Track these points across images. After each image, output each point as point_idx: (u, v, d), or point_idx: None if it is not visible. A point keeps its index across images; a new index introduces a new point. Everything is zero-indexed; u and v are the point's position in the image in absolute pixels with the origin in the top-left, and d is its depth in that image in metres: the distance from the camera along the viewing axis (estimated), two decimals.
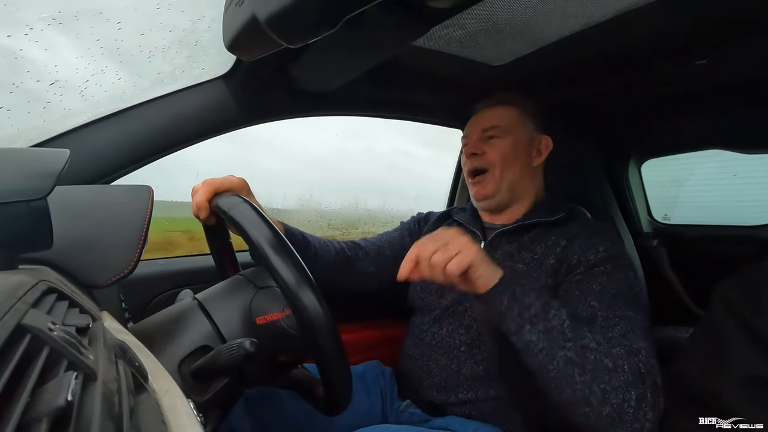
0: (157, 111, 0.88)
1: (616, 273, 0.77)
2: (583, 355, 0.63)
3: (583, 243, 0.82)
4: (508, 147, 0.93)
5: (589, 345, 0.64)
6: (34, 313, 0.25)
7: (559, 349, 0.64)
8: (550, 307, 0.67)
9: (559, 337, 0.64)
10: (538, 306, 0.66)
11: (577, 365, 0.63)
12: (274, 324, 0.61)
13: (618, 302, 0.72)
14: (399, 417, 0.93)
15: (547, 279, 0.82)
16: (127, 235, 0.52)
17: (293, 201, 1.67)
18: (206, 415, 0.54)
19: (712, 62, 0.92)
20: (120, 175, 0.86)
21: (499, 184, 0.94)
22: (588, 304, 0.73)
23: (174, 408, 0.33)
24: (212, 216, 0.70)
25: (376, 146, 1.91)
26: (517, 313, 0.66)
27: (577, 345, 0.64)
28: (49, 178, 0.36)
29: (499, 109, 0.97)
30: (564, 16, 0.80)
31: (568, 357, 0.63)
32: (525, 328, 0.66)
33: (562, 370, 0.64)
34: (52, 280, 0.35)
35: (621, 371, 0.63)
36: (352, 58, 0.83)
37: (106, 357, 0.29)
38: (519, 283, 0.68)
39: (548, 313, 0.66)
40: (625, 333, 0.68)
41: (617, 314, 0.71)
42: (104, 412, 0.22)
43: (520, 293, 0.67)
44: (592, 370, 0.63)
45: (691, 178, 1.48)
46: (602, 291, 0.74)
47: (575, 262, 0.81)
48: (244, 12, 0.56)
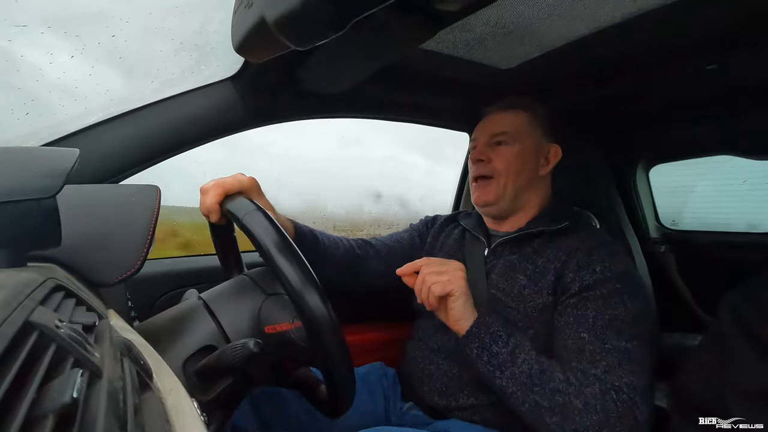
0: (165, 112, 0.89)
1: (612, 297, 0.74)
2: (551, 397, 0.67)
3: (580, 260, 0.80)
4: (515, 155, 0.91)
5: (558, 387, 0.67)
6: (42, 311, 0.26)
7: (529, 393, 0.68)
8: (519, 352, 0.71)
9: (527, 381, 0.69)
10: (506, 353, 0.71)
11: (546, 408, 0.67)
12: (284, 335, 0.61)
13: (610, 333, 0.71)
14: (402, 418, 0.93)
15: (548, 296, 0.80)
16: (134, 235, 0.53)
17: (298, 203, 1.68)
18: (210, 414, 0.54)
19: (722, 67, 0.91)
20: (128, 174, 0.87)
21: (502, 193, 0.92)
22: (578, 336, 0.73)
23: (178, 407, 0.33)
24: (222, 218, 0.69)
25: (370, 154, 1.92)
26: (487, 360, 0.72)
27: (545, 389, 0.68)
28: (59, 177, 0.36)
29: (509, 114, 0.95)
30: (572, 20, 0.80)
31: (536, 401, 0.67)
32: (495, 374, 0.71)
33: (533, 412, 0.68)
34: (59, 278, 0.35)
35: (593, 411, 0.64)
36: (360, 61, 0.84)
37: (111, 355, 0.29)
38: (488, 332, 0.73)
39: (516, 360, 0.71)
40: (610, 368, 0.68)
41: (606, 347, 0.70)
42: (109, 410, 0.22)
43: (489, 341, 0.73)
44: (561, 412, 0.66)
45: (700, 183, 1.47)
46: (595, 318, 0.73)
47: (569, 280, 0.79)
48: (253, 14, 0.56)
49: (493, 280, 0.89)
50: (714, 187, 1.43)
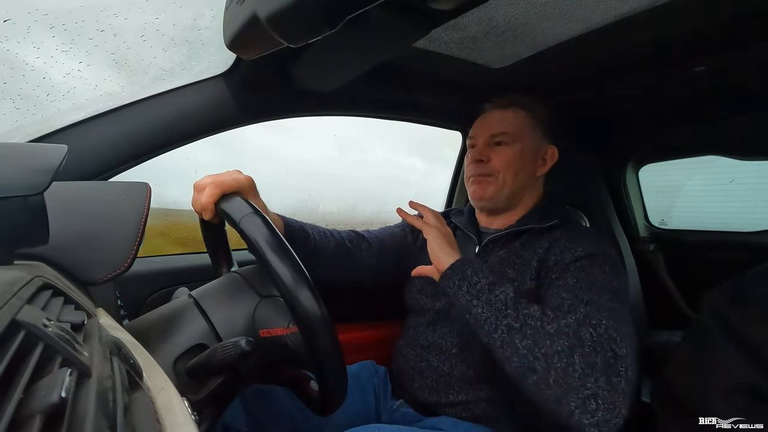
0: (156, 108, 0.88)
1: (592, 268, 0.76)
2: (524, 322, 0.67)
3: (563, 245, 0.82)
4: (515, 155, 0.92)
5: (533, 314, 0.68)
6: (29, 309, 0.25)
7: (503, 318, 0.69)
8: (497, 285, 0.73)
9: (501, 307, 0.70)
10: (484, 283, 0.73)
11: (517, 330, 0.67)
12: (279, 339, 0.60)
13: (592, 292, 0.71)
14: (392, 416, 0.94)
15: (531, 281, 0.82)
16: (123, 232, 0.52)
17: (291, 203, 1.67)
18: (201, 413, 0.54)
19: (711, 69, 0.92)
20: (118, 171, 0.86)
21: (500, 191, 0.93)
22: (559, 296, 0.73)
23: (169, 406, 0.33)
24: (216, 217, 0.68)
25: (369, 157, 1.92)
26: (466, 290, 0.74)
27: (519, 314, 0.68)
28: (47, 174, 0.36)
29: (509, 113, 0.94)
30: (564, 20, 0.80)
31: (509, 324, 0.68)
32: (472, 302, 0.72)
33: (505, 338, 0.67)
34: (47, 276, 0.35)
35: (564, 337, 0.64)
36: (353, 59, 0.83)
37: (101, 354, 0.29)
38: (471, 266, 0.76)
39: (494, 289, 0.72)
40: (589, 314, 0.67)
41: (584, 300, 0.70)
42: (98, 409, 0.22)
43: (470, 273, 0.75)
44: (533, 335, 0.66)
45: (688, 183, 1.49)
46: (576, 284, 0.73)
47: (552, 263, 0.80)
48: (245, 10, 0.56)
49: None
50: (701, 186, 1.45)
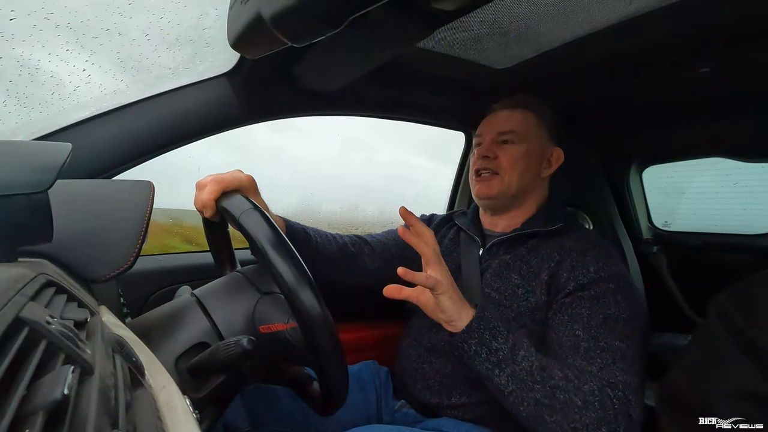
0: (159, 107, 0.88)
1: (606, 297, 0.75)
2: (552, 395, 0.66)
3: (574, 260, 0.81)
4: (521, 154, 0.92)
5: (558, 384, 0.67)
6: (33, 306, 0.25)
7: (529, 391, 0.67)
8: (519, 348, 0.70)
9: (527, 379, 0.68)
10: (506, 350, 0.70)
11: (547, 406, 0.66)
12: (279, 335, 0.60)
13: (604, 331, 0.72)
14: (393, 416, 0.94)
15: (541, 295, 0.81)
16: (127, 230, 0.52)
17: (294, 201, 1.67)
18: (202, 411, 0.54)
19: (715, 71, 0.92)
20: (122, 170, 0.86)
21: (505, 190, 0.92)
22: (573, 333, 0.73)
23: (170, 404, 0.33)
24: (217, 214, 0.68)
25: (375, 157, 1.92)
26: (485, 357, 0.70)
27: (546, 386, 0.67)
28: (51, 172, 0.36)
29: (517, 113, 0.95)
30: (568, 21, 0.80)
31: (537, 399, 0.66)
32: (494, 372, 0.69)
33: (532, 411, 0.67)
34: (51, 274, 0.35)
35: (592, 408, 0.65)
36: (356, 59, 0.83)
37: (103, 351, 0.29)
38: (488, 327, 0.71)
39: (516, 356, 0.69)
40: (605, 366, 0.68)
41: (600, 345, 0.71)
42: (100, 407, 0.22)
43: (489, 337, 0.70)
44: (562, 409, 0.65)
45: (692, 185, 1.48)
46: (590, 317, 0.74)
47: (563, 280, 0.80)
48: (249, 10, 0.56)
49: (488, 279, 0.89)
50: (705, 188, 1.44)
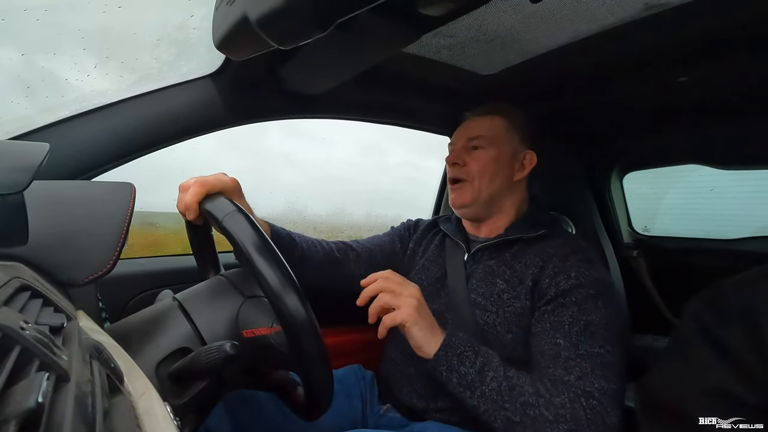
0: (142, 107, 0.87)
1: (587, 303, 0.76)
2: (523, 412, 0.68)
3: (556, 266, 0.82)
4: (490, 159, 0.93)
5: (528, 401, 0.69)
6: (6, 311, 0.25)
7: (500, 410, 0.69)
8: (488, 370, 0.72)
9: (497, 399, 0.70)
10: (474, 374, 0.72)
11: (518, 423, 0.68)
12: (263, 339, 0.59)
13: (584, 338, 0.73)
14: (379, 421, 0.93)
15: (526, 301, 0.82)
16: (106, 233, 0.51)
17: (279, 203, 1.66)
18: (183, 418, 0.53)
19: (692, 80, 0.95)
20: (102, 171, 0.85)
21: (477, 196, 0.93)
22: (555, 342, 0.75)
23: (150, 411, 0.32)
24: (200, 217, 0.67)
25: (387, 159, 1.94)
26: (456, 382, 0.73)
27: (515, 404, 0.69)
28: (27, 172, 0.35)
29: (486, 119, 0.96)
30: (552, 30, 0.82)
31: (508, 417, 0.69)
32: (465, 394, 0.72)
33: (505, 427, 0.69)
34: (25, 278, 0.34)
35: (563, 420, 0.66)
36: (342, 62, 0.84)
37: (80, 357, 0.28)
38: (455, 353, 0.74)
39: (485, 378, 0.72)
40: (584, 374, 0.70)
41: (580, 353, 0.72)
42: (76, 415, 0.22)
43: (457, 363, 0.73)
44: (533, 425, 0.67)
45: (671, 191, 1.52)
46: (571, 324, 0.75)
47: (545, 286, 0.81)
48: (235, 11, 0.55)
49: (473, 284, 0.90)
50: (683, 194, 1.49)
